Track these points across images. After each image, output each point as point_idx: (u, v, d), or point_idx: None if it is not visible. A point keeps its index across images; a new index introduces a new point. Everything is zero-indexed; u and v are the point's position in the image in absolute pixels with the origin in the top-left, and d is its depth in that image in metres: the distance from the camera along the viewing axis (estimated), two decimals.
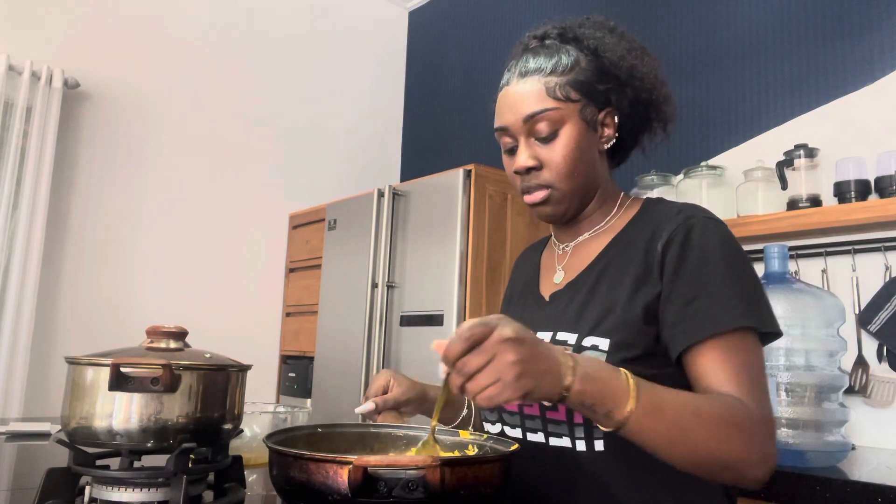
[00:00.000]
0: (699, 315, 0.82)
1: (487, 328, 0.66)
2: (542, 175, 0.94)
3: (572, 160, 0.93)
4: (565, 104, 0.92)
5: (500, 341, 0.65)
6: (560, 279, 1.01)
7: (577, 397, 0.70)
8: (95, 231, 2.80)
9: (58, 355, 2.62)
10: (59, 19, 2.76)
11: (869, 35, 2.02)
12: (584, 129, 0.93)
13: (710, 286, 0.83)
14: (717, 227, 0.89)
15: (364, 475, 0.64)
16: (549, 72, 0.93)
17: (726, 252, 0.86)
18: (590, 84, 0.93)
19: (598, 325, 0.88)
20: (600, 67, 0.95)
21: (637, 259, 0.90)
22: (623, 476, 0.85)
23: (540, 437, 0.91)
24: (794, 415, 1.48)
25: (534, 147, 0.94)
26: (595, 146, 0.96)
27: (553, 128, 0.92)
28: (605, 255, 0.96)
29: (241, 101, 3.27)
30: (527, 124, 0.93)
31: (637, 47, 0.99)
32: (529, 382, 0.66)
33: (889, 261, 1.86)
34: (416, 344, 2.43)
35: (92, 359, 0.77)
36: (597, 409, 0.71)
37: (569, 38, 0.97)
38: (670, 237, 0.88)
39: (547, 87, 0.92)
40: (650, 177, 2.27)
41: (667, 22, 2.56)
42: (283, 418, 1.18)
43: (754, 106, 2.26)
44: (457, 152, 3.47)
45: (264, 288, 3.27)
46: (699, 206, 0.93)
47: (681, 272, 0.85)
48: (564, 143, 0.92)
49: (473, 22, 3.56)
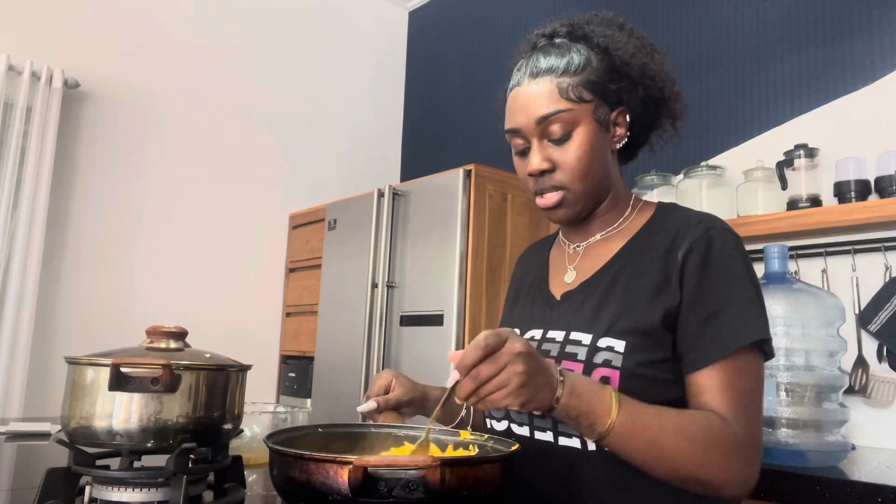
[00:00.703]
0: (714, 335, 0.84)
1: (501, 340, 0.72)
2: (555, 177, 0.93)
3: (586, 161, 0.92)
4: (578, 105, 0.91)
5: (513, 353, 0.72)
6: (572, 279, 1.00)
7: (564, 410, 0.77)
8: (95, 231, 2.80)
9: (58, 355, 2.62)
10: (59, 19, 2.76)
11: (869, 35, 2.02)
12: (597, 130, 0.93)
13: (730, 304, 0.85)
14: (736, 240, 0.90)
15: (364, 475, 0.64)
16: (561, 72, 0.92)
17: (745, 269, 0.88)
18: (602, 84, 0.93)
19: (613, 326, 0.88)
20: (612, 66, 0.94)
21: (656, 265, 0.90)
22: (631, 476, 0.85)
23: (549, 436, 0.91)
24: (794, 415, 1.48)
25: (547, 149, 0.93)
26: (608, 146, 0.96)
27: (566, 129, 0.91)
28: (620, 257, 0.95)
29: (241, 101, 3.27)
30: (540, 126, 0.92)
31: (646, 45, 0.99)
32: (529, 393, 0.73)
33: (889, 261, 1.86)
34: (416, 344, 2.43)
35: (92, 359, 0.77)
36: (581, 422, 0.78)
37: (578, 35, 0.97)
38: (691, 247, 0.88)
39: (560, 88, 0.91)
40: (650, 177, 2.27)
41: (667, 22, 2.56)
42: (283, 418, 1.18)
43: (754, 106, 2.27)
44: (457, 152, 3.47)
45: (264, 288, 3.27)
46: (716, 217, 0.94)
47: (701, 287, 0.87)
48: (578, 145, 0.92)
49: (473, 22, 3.56)
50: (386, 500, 0.65)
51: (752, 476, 0.81)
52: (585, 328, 0.91)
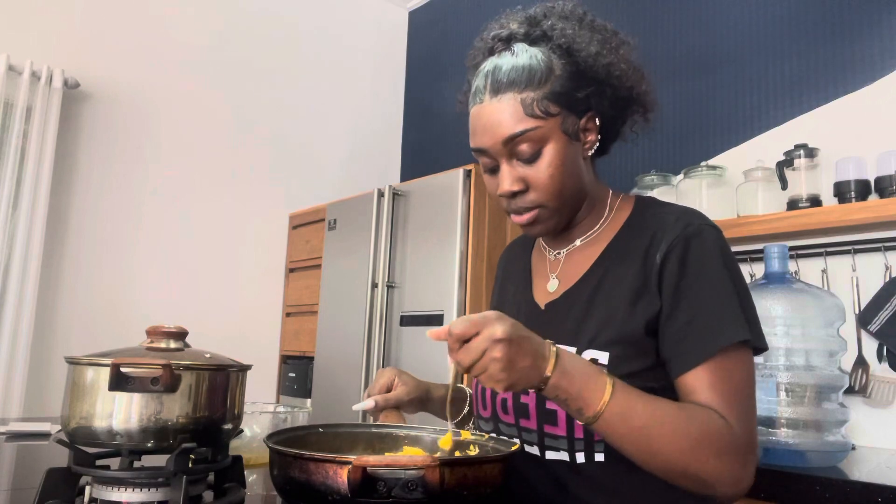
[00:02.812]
0: (697, 337, 0.82)
1: (475, 327, 0.72)
2: (528, 197, 0.90)
3: (559, 177, 0.88)
4: (545, 121, 0.86)
5: (491, 339, 0.71)
6: (554, 288, 0.98)
7: (552, 391, 0.76)
8: (95, 231, 2.80)
9: (58, 355, 2.62)
10: (59, 19, 2.76)
11: (869, 35, 2.02)
12: (567, 142, 0.89)
13: (710, 304, 0.83)
14: (715, 236, 0.88)
15: (363, 475, 0.64)
16: (524, 86, 0.86)
17: (724, 266, 0.86)
18: (567, 94, 0.88)
19: (596, 337, 0.87)
20: (576, 71, 0.89)
21: (634, 269, 0.88)
22: (622, 485, 0.84)
23: (535, 451, 0.91)
24: (794, 415, 1.48)
25: (517, 169, 0.89)
26: (579, 155, 0.92)
27: (535, 147, 0.87)
28: (600, 264, 0.93)
29: (241, 101, 3.27)
30: (507, 146, 0.88)
31: (610, 38, 0.93)
32: (513, 377, 0.73)
33: (889, 261, 1.86)
34: (416, 344, 2.43)
35: (92, 359, 0.77)
36: (570, 404, 0.76)
37: (536, 37, 0.91)
38: (669, 248, 0.86)
39: (524, 105, 0.86)
40: (650, 177, 2.27)
41: (667, 22, 2.56)
42: (283, 418, 1.18)
43: (754, 106, 2.26)
44: (457, 152, 3.46)
45: (264, 288, 3.27)
46: (696, 212, 0.91)
47: (680, 288, 0.85)
48: (549, 162, 0.87)
49: (473, 22, 3.56)
50: (385, 500, 0.65)
51: (745, 476, 0.79)
52: (570, 341, 0.89)
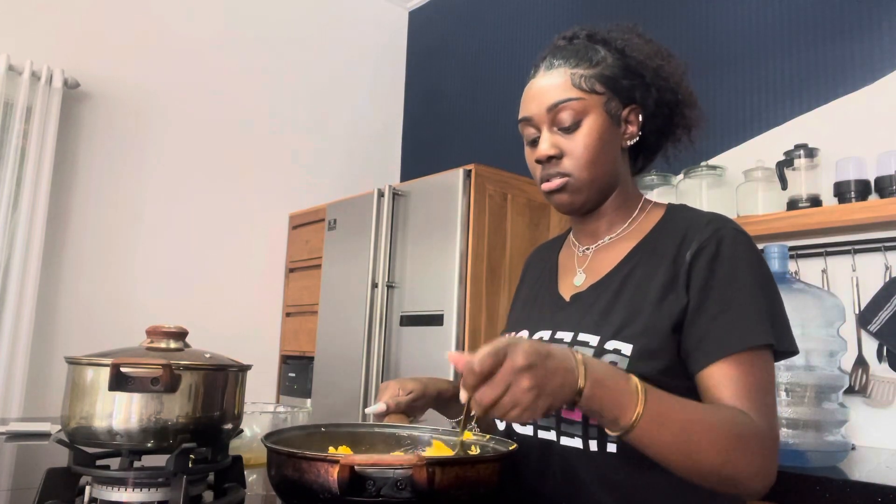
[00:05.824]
0: (722, 332, 0.83)
1: (497, 359, 0.67)
2: (562, 163, 0.94)
3: (593, 151, 0.93)
4: (590, 95, 0.93)
5: (514, 371, 0.66)
6: (581, 281, 1.00)
7: (587, 402, 0.72)
8: (95, 231, 2.80)
9: (58, 355, 2.61)
10: (59, 19, 2.76)
11: (869, 35, 2.02)
12: (608, 123, 0.94)
13: (737, 303, 0.84)
14: (746, 241, 0.90)
15: (351, 474, 0.64)
16: (575, 64, 0.94)
17: (755, 268, 0.87)
18: (615, 79, 0.94)
19: (621, 329, 0.88)
20: (627, 65, 0.96)
21: (664, 266, 0.90)
22: (632, 477, 0.85)
23: (551, 435, 0.91)
24: (794, 415, 1.48)
25: (556, 136, 0.94)
26: (618, 141, 0.96)
27: (576, 118, 0.92)
28: (629, 259, 0.95)
29: (241, 101, 3.27)
30: (550, 113, 0.93)
31: (664, 51, 1.01)
32: (547, 401, 0.68)
33: (889, 261, 1.86)
34: (416, 344, 2.43)
35: (92, 359, 0.77)
36: (605, 414, 0.73)
37: (597, 38, 0.99)
38: (700, 247, 0.88)
39: (572, 78, 0.93)
40: (650, 177, 2.27)
41: (667, 22, 2.56)
42: (283, 418, 1.18)
43: (754, 106, 2.26)
44: (457, 152, 3.46)
45: (264, 288, 3.27)
46: (727, 218, 0.94)
47: (709, 286, 0.86)
48: (587, 133, 0.92)
49: (473, 22, 3.56)
50: (375, 500, 0.65)
51: (773, 471, 0.79)
52: (594, 330, 0.90)
